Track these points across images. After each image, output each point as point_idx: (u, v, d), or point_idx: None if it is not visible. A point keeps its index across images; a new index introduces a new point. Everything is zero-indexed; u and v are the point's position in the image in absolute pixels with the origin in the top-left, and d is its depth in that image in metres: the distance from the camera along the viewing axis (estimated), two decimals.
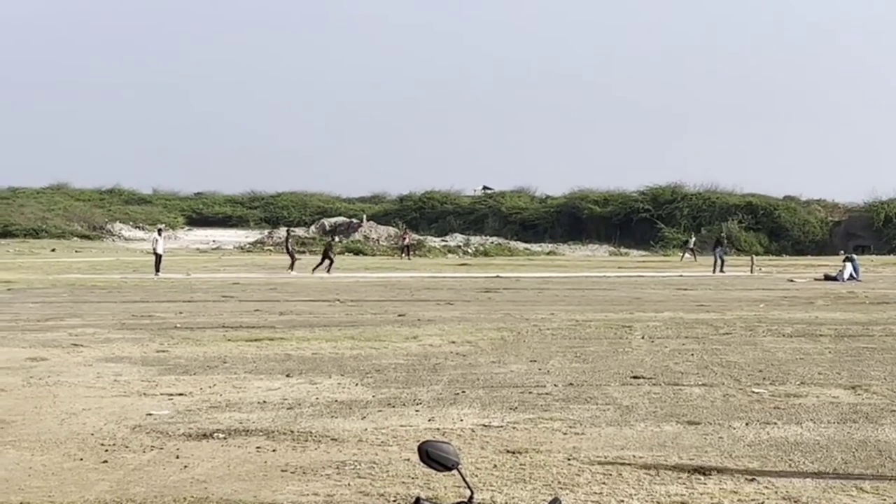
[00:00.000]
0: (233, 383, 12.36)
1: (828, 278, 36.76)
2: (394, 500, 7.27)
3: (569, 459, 8.45)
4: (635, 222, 72.12)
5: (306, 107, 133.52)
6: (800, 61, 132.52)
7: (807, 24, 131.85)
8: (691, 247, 57.60)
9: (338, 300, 25.54)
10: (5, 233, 67.88)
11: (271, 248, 64.27)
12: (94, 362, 14.16)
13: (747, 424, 9.94)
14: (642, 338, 17.13)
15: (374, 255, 61.62)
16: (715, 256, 44.16)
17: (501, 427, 9.78)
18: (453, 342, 16.39)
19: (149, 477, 7.94)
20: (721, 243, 46.65)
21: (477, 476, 7.83)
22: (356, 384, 12.31)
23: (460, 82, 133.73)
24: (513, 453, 8.66)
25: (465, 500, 3.81)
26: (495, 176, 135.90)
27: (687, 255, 57.52)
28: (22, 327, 18.65)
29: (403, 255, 59.94)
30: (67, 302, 24.70)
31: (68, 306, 23.35)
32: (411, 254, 60.18)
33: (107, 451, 8.82)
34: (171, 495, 7.43)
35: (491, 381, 12.54)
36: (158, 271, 36.83)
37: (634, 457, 8.59)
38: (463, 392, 11.69)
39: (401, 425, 9.84)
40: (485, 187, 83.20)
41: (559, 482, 7.75)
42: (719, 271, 42.37)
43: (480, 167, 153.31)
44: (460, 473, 3.89)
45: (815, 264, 48.30)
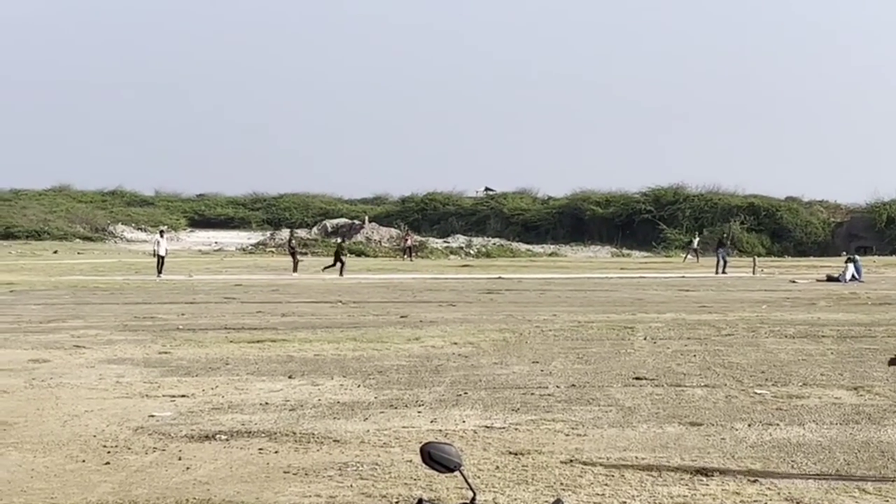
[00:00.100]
0: (235, 385, 12.37)
1: (830, 279, 36.75)
2: (396, 502, 7.27)
3: (571, 461, 8.45)
4: (637, 223, 72.08)
5: (307, 107, 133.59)
6: (800, 61, 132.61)
7: (807, 24, 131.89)
8: (695, 247, 57.54)
9: (340, 302, 25.55)
10: (7, 234, 67.91)
11: (273, 249, 64.29)
12: (97, 364, 14.17)
13: (749, 425, 9.93)
14: (644, 339, 17.12)
15: (376, 257, 61.62)
16: (717, 257, 44.15)
17: (504, 428, 9.78)
18: (455, 343, 16.39)
19: (151, 478, 7.95)
20: (723, 244, 46.64)
21: (479, 477, 7.83)
22: (358, 385, 12.32)
23: (460, 82, 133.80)
24: (515, 455, 8.66)
25: (468, 501, 3.81)
26: (497, 177, 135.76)
27: (689, 255, 57.47)
28: (24, 329, 18.66)
29: (405, 256, 59.95)
30: (70, 304, 24.72)
31: (70, 308, 23.36)
32: (413, 255, 60.19)
33: (109, 452, 8.83)
34: (173, 497, 7.43)
35: (493, 382, 12.53)
36: (161, 273, 36.85)
37: (637, 458, 8.59)
38: (465, 393, 11.69)
39: (403, 426, 9.84)
40: (486, 188, 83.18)
41: (561, 484, 7.75)
42: (721, 272, 42.36)
43: (482, 168, 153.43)
44: (462, 475, 3.89)
45: (818, 265, 48.26)
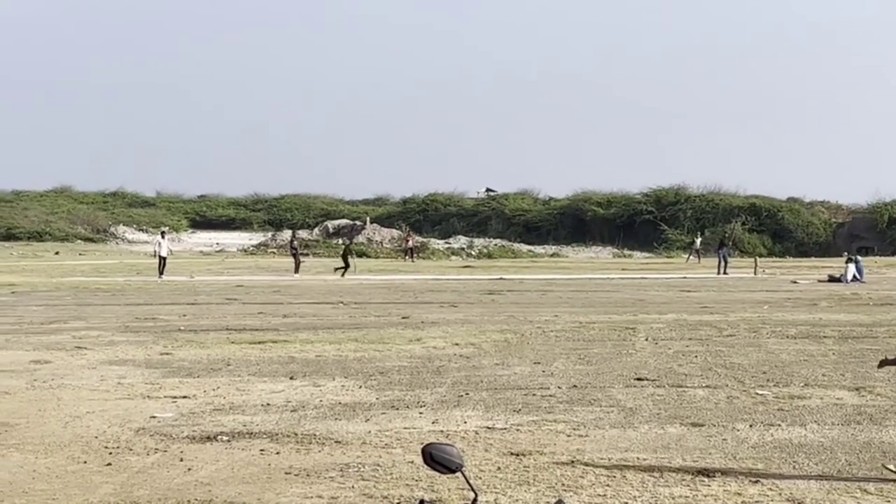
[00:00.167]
0: (236, 386, 12.37)
1: (832, 279, 36.74)
2: (398, 503, 7.27)
3: (572, 462, 8.45)
4: (639, 224, 72.08)
5: (307, 107, 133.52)
6: (800, 61, 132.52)
7: (807, 24, 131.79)
8: (697, 248, 57.51)
9: (341, 302, 25.56)
10: (9, 236, 67.93)
11: (275, 250, 64.32)
12: (98, 365, 14.17)
13: (751, 426, 9.93)
14: (646, 340, 17.12)
15: (377, 258, 61.60)
16: (719, 257, 44.14)
17: (505, 429, 9.77)
18: (457, 344, 16.39)
19: (152, 479, 7.95)
20: (724, 244, 46.62)
21: (481, 478, 7.83)
22: (360, 386, 12.31)
23: (460, 82, 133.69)
24: (516, 455, 8.66)
25: (469, 502, 3.81)
26: (498, 177, 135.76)
27: (692, 256, 57.44)
28: (25, 330, 18.67)
29: (407, 257, 59.98)
30: (71, 305, 24.73)
31: (72, 309, 23.37)
32: (415, 256, 60.21)
33: (111, 453, 8.83)
34: (174, 498, 7.43)
35: (494, 383, 12.53)
36: (162, 274, 36.87)
37: (638, 459, 8.59)
38: (466, 394, 11.69)
39: (404, 427, 9.84)
40: (488, 189, 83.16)
41: (563, 484, 7.75)
42: (722, 273, 42.35)
43: (483, 168, 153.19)
44: (464, 476, 3.89)
45: (819, 266, 48.24)
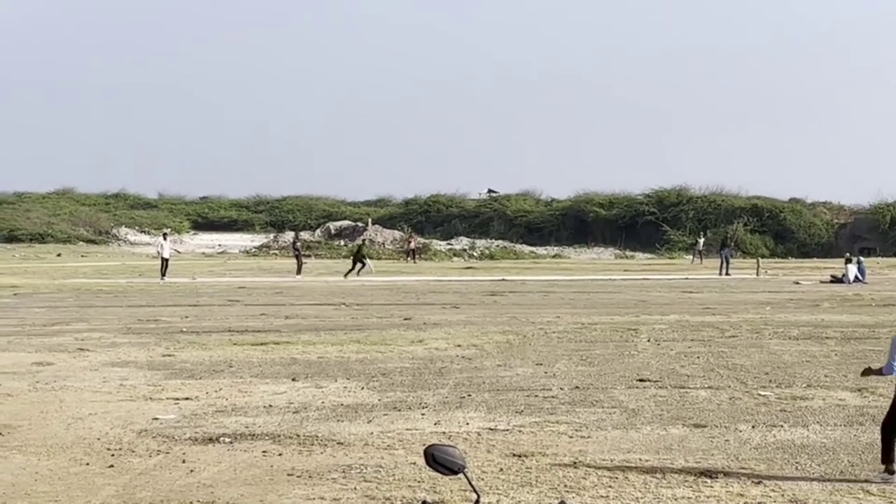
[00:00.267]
0: (239, 387, 12.37)
1: (834, 280, 36.73)
2: None
3: (575, 463, 8.45)
4: (641, 225, 72.05)
5: (307, 108, 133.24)
6: (800, 62, 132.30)
7: (807, 24, 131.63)
8: (699, 249, 57.47)
9: (343, 304, 25.55)
10: (11, 238, 67.94)
11: (277, 252, 64.33)
12: (100, 367, 14.18)
13: (754, 427, 9.93)
14: (648, 341, 17.11)
15: (379, 259, 61.53)
16: (721, 258, 44.11)
17: (507, 430, 9.78)
18: (459, 346, 16.39)
19: (155, 481, 7.95)
20: (726, 245, 46.58)
21: (483, 480, 7.83)
22: (362, 388, 12.32)
23: (460, 82, 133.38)
24: (519, 457, 8.66)
25: (472, 503, 3.81)
26: (499, 178, 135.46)
27: (695, 258, 57.38)
28: (28, 332, 18.67)
29: (409, 258, 59.97)
30: (73, 306, 24.74)
31: (74, 311, 23.37)
32: (417, 257, 60.21)
33: (113, 455, 8.84)
34: (177, 499, 7.44)
35: (497, 384, 12.53)
36: (164, 276, 36.88)
37: (640, 460, 8.59)
38: (469, 395, 11.69)
39: (407, 429, 9.84)
40: (490, 190, 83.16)
41: (565, 486, 7.75)
42: (724, 274, 42.31)
43: (484, 169, 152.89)
44: (466, 477, 3.90)
45: (821, 266, 48.21)
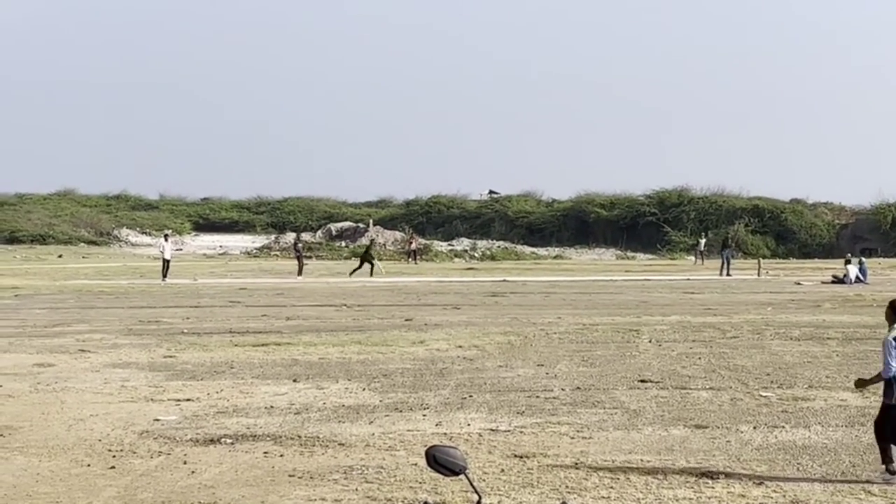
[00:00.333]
0: (240, 388, 12.38)
1: (836, 280, 36.73)
2: None
3: (576, 464, 8.45)
4: (642, 226, 72.05)
5: (308, 109, 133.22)
6: (800, 62, 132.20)
7: (807, 24, 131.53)
8: (701, 249, 57.44)
9: (345, 305, 25.55)
10: (13, 239, 67.96)
11: (278, 253, 64.34)
12: (102, 368, 14.19)
13: (755, 428, 9.92)
14: (649, 341, 17.11)
15: (380, 260, 61.49)
16: (722, 259, 44.09)
17: (509, 431, 9.78)
18: (460, 346, 16.38)
19: (156, 482, 7.95)
20: (727, 245, 46.57)
21: (484, 481, 7.83)
22: (363, 389, 12.32)
23: (460, 83, 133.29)
24: (520, 458, 8.66)
25: None
26: (500, 179, 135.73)
27: (697, 259, 57.35)
28: (29, 333, 18.68)
29: (410, 259, 59.96)
30: (74, 308, 24.74)
31: (75, 312, 23.38)
32: (418, 258, 60.20)
33: (114, 456, 8.84)
34: (178, 501, 7.44)
35: (498, 385, 12.53)
36: (165, 277, 36.88)
37: (642, 461, 8.58)
38: (470, 396, 11.69)
39: (408, 430, 9.84)
40: (491, 191, 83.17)
41: (567, 487, 7.74)
42: (726, 274, 42.29)
43: (484, 170, 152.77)
44: (468, 478, 3.89)
45: (822, 267, 48.18)
